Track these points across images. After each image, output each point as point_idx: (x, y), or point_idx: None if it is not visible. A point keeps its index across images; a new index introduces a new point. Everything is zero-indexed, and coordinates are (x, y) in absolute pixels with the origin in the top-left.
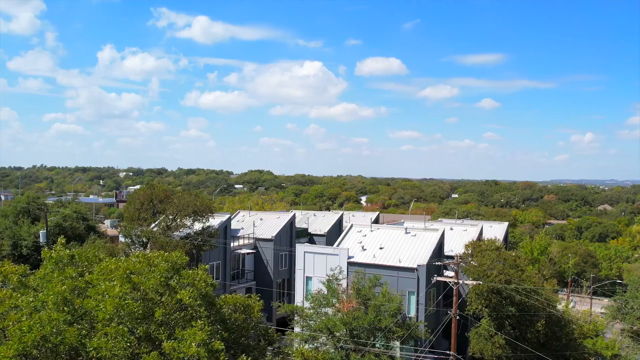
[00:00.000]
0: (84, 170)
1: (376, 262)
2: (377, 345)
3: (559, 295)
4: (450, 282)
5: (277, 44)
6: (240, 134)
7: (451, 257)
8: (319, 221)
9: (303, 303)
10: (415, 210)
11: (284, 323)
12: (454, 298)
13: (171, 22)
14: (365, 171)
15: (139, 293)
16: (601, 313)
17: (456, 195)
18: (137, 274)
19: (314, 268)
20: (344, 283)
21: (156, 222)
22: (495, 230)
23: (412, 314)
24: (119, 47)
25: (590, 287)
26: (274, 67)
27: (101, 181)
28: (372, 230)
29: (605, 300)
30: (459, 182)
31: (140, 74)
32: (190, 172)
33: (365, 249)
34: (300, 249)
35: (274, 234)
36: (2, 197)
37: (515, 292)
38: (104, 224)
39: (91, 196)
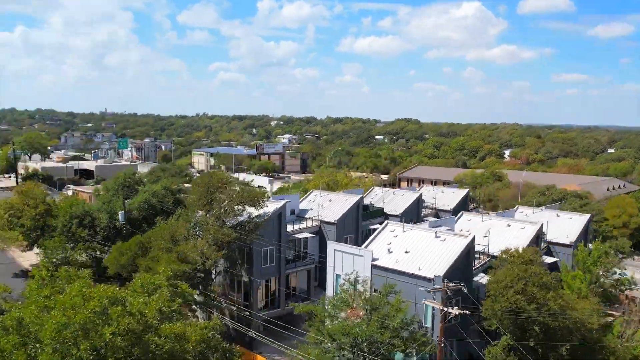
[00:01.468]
0: (240, 118)
1: (397, 268)
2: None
3: (606, 316)
4: (435, 307)
5: None
6: (394, 79)
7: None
8: (397, 200)
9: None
10: (560, 169)
11: None
12: (441, 325)
13: None
14: (522, 118)
15: (75, 325)
16: None
17: (612, 150)
18: (71, 308)
19: (342, 266)
20: (366, 286)
21: (210, 210)
22: (571, 224)
23: (429, 325)
24: None
25: None
26: (429, 10)
27: (254, 130)
28: (404, 231)
29: None
30: (627, 131)
31: (296, 22)
32: (337, 120)
33: (391, 252)
34: (331, 246)
35: (336, 218)
36: (163, 147)
37: (536, 313)
38: (238, 176)
39: (239, 147)
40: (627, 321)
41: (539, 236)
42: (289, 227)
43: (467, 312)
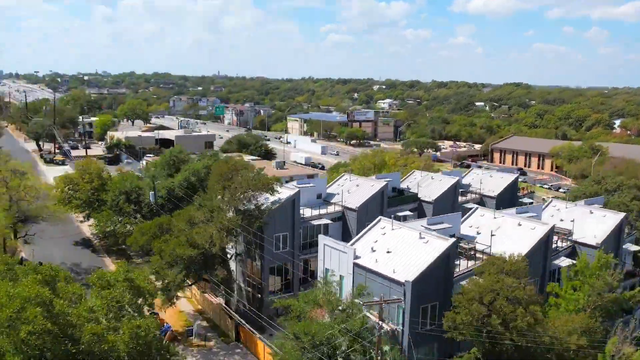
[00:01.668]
0: (345, 82)
1: (374, 268)
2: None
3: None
4: (373, 320)
5: None
6: (510, 40)
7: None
8: (433, 185)
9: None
10: None
11: None
12: (377, 338)
13: None
14: None
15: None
16: None
17: None
18: None
19: (331, 261)
20: (347, 285)
21: (221, 196)
22: (603, 223)
23: (401, 328)
24: None
25: None
26: None
27: (355, 94)
28: (393, 229)
29: None
30: None
31: None
32: (442, 85)
33: (374, 251)
34: (321, 240)
35: (358, 205)
36: (262, 112)
37: (502, 328)
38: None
39: (335, 112)
40: (622, 341)
41: (549, 237)
42: (314, 212)
43: (399, 328)
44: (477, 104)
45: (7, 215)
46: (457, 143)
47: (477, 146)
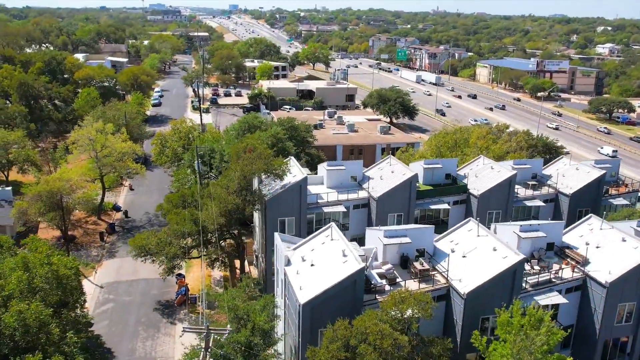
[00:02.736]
0: (567, 21)
1: (290, 280)
2: None
3: None
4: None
5: None
6: None
7: None
8: (489, 177)
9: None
10: None
11: None
12: None
13: None
14: None
15: None
16: None
17: None
18: None
19: (277, 262)
20: (279, 290)
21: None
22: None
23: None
24: None
25: None
26: None
27: (574, 36)
28: (332, 240)
29: None
30: None
31: None
32: None
33: (304, 260)
34: (277, 237)
35: (378, 195)
36: (456, 55)
37: None
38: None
39: (532, 59)
40: None
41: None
42: (341, 197)
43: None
44: None
45: (92, 169)
46: None
47: None
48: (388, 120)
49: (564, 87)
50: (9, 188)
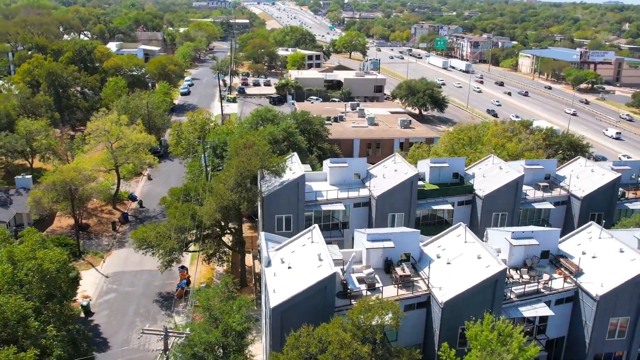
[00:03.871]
0: (621, 9)
1: (267, 282)
2: None
3: None
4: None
5: None
6: None
7: None
8: (497, 177)
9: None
10: None
11: None
12: None
13: None
14: None
15: None
16: None
17: None
18: None
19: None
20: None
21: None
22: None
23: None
24: None
25: None
26: None
27: (627, 25)
28: (312, 242)
29: None
30: None
31: None
32: None
33: (283, 262)
34: (262, 236)
35: (378, 194)
36: (499, 44)
37: None
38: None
39: (578, 49)
40: None
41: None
42: (341, 195)
43: None
44: None
45: (107, 160)
46: None
47: None
48: (417, 112)
49: (610, 79)
50: (29, 176)
